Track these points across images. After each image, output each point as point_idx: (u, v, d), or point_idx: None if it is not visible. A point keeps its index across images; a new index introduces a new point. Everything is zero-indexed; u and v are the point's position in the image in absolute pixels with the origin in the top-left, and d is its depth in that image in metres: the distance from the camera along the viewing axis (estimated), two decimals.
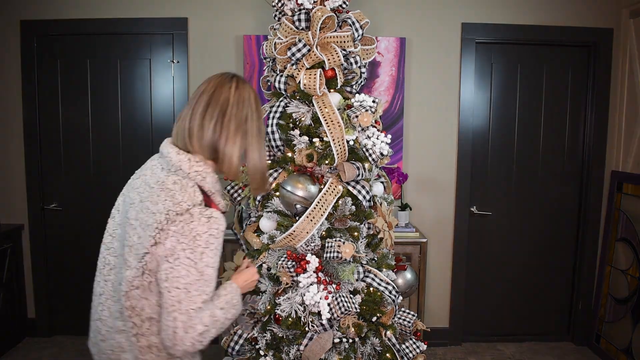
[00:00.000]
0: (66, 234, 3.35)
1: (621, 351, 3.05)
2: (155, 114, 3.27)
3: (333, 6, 1.99)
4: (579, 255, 3.41)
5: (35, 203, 3.29)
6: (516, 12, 3.19)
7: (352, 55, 2.02)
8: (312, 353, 1.88)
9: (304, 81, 1.93)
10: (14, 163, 3.28)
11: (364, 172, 1.98)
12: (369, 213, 2.02)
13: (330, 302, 1.82)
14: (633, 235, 3.06)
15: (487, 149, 3.34)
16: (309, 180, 1.91)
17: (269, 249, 2.00)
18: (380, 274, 2.01)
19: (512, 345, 3.41)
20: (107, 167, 3.30)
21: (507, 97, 3.31)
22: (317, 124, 1.96)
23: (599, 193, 3.33)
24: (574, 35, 3.20)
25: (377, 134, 1.94)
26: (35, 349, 3.23)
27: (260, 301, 1.99)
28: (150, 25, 3.16)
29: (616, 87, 3.26)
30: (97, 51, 3.22)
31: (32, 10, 3.16)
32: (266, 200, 2.04)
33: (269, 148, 2.07)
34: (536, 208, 3.40)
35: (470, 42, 3.19)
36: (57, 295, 3.40)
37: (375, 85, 3.20)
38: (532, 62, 3.29)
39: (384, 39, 3.15)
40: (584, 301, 3.40)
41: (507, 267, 3.43)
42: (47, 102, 3.25)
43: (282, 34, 1.99)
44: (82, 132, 3.27)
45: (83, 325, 3.57)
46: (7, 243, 3.18)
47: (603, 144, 3.30)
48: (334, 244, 1.87)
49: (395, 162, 3.23)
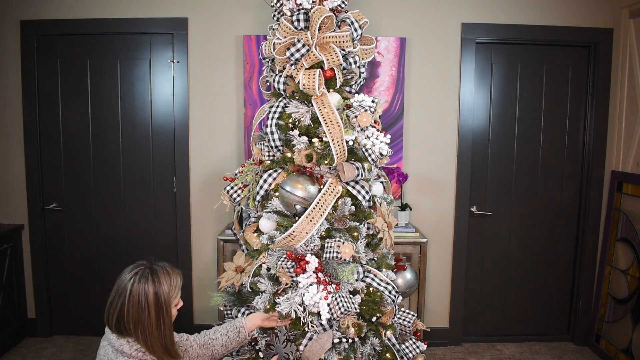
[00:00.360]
0: (66, 234, 3.35)
1: (621, 351, 3.05)
2: (155, 114, 3.27)
3: (332, 6, 1.99)
4: (579, 255, 3.41)
5: (35, 203, 3.29)
6: (516, 12, 3.18)
7: (351, 55, 2.02)
8: (311, 353, 1.88)
9: (303, 81, 1.92)
10: (14, 163, 3.28)
11: (364, 172, 1.98)
12: (369, 213, 2.02)
13: (330, 302, 1.82)
14: (633, 235, 3.06)
15: (487, 149, 3.34)
16: (309, 181, 1.91)
17: (268, 249, 2.00)
18: (380, 274, 2.01)
19: (512, 345, 3.41)
20: (107, 167, 3.30)
21: (507, 97, 3.31)
22: (317, 124, 1.96)
23: (599, 193, 3.33)
24: (574, 35, 3.20)
25: (376, 134, 1.94)
26: (35, 349, 3.23)
27: (260, 301, 1.99)
28: (150, 25, 3.16)
29: (616, 87, 3.26)
30: (97, 51, 3.22)
31: (32, 10, 3.16)
32: (266, 201, 2.04)
33: (268, 148, 2.07)
34: (536, 208, 3.40)
35: (470, 42, 3.19)
36: (57, 295, 3.41)
37: (375, 85, 3.20)
38: (532, 62, 3.29)
39: (383, 39, 3.15)
40: (584, 301, 3.40)
41: (507, 267, 3.43)
42: (47, 102, 3.25)
43: (281, 34, 1.99)
44: (82, 132, 3.28)
45: (83, 325, 3.60)
46: (7, 243, 3.19)
47: (603, 144, 3.29)
48: (333, 244, 1.87)
49: (395, 162, 3.23)
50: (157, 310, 1.50)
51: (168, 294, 1.54)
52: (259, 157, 2.14)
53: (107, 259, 3.37)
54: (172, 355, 1.55)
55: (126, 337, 1.50)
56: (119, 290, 1.53)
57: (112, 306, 1.51)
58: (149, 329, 1.49)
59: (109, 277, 3.38)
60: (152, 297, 1.50)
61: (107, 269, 3.38)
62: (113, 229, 3.35)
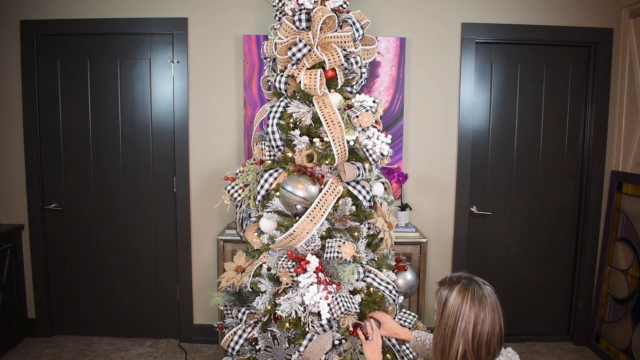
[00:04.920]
0: (66, 234, 3.35)
1: (621, 351, 3.05)
2: (155, 114, 3.27)
3: (334, 6, 1.99)
4: (579, 255, 3.41)
5: (35, 203, 3.29)
6: (516, 12, 3.19)
7: (352, 56, 2.02)
8: (312, 354, 1.88)
9: (305, 81, 1.92)
10: (14, 163, 3.28)
11: (364, 172, 1.98)
12: (369, 213, 2.02)
13: (330, 302, 1.82)
14: (633, 235, 3.06)
15: (487, 149, 3.34)
16: (309, 181, 1.91)
17: (269, 249, 2.00)
18: (380, 274, 2.01)
19: (512, 345, 3.39)
20: (107, 167, 3.29)
21: (507, 97, 3.31)
22: (318, 124, 1.96)
23: (599, 193, 3.33)
24: (574, 35, 3.20)
25: (377, 134, 1.94)
26: (35, 349, 3.23)
27: (260, 301, 1.99)
28: (150, 25, 3.16)
29: (616, 87, 3.26)
30: (97, 51, 3.21)
31: (32, 10, 3.16)
32: (266, 200, 2.04)
33: (269, 148, 2.07)
34: (536, 208, 3.40)
35: (470, 42, 3.19)
36: (57, 295, 3.40)
37: (375, 85, 3.20)
38: (532, 62, 3.29)
39: (384, 39, 3.15)
40: (584, 301, 3.40)
41: (507, 267, 3.43)
42: (47, 102, 3.25)
43: (283, 34, 1.99)
44: (82, 132, 3.27)
45: (83, 325, 3.60)
46: (7, 243, 3.18)
47: (603, 144, 3.30)
48: (334, 244, 1.87)
49: (395, 162, 3.23)
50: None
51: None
52: (260, 157, 2.14)
53: (107, 259, 3.37)
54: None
55: None
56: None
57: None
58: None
59: (108, 277, 3.40)
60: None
61: (107, 269, 3.38)
62: (113, 229, 3.34)
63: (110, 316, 3.42)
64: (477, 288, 1.41)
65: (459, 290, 1.41)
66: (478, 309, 1.38)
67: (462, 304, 1.39)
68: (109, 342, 3.35)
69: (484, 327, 1.37)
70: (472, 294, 1.40)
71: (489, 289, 1.44)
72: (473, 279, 1.46)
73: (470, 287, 1.41)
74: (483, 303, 1.39)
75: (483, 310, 1.38)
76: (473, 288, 1.41)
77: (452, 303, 1.40)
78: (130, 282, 3.39)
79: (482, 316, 1.38)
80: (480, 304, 1.38)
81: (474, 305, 1.38)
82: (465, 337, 1.37)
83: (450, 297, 1.40)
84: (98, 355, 3.15)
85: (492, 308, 1.39)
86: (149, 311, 3.41)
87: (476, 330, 1.37)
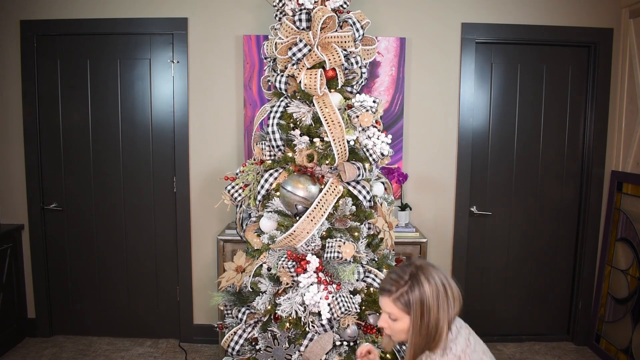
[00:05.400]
0: (66, 234, 3.35)
1: (621, 351, 3.05)
2: (155, 114, 3.27)
3: (334, 6, 1.99)
4: (579, 255, 3.41)
5: (35, 203, 3.29)
6: (516, 12, 3.19)
7: (352, 56, 2.02)
8: (312, 354, 1.88)
9: (305, 81, 1.93)
10: (14, 163, 3.28)
11: (365, 172, 1.98)
12: (370, 213, 2.02)
13: (331, 302, 1.82)
14: (633, 235, 3.06)
15: (487, 149, 3.34)
16: (310, 181, 1.91)
17: (269, 249, 2.00)
18: (380, 274, 2.01)
19: (512, 345, 3.41)
20: (107, 167, 3.29)
21: (507, 97, 3.31)
22: (318, 124, 1.96)
23: (599, 193, 3.33)
24: (574, 35, 3.20)
25: (377, 134, 1.94)
26: (35, 349, 3.22)
27: (261, 301, 1.99)
28: (150, 25, 3.16)
29: (616, 87, 3.26)
30: (97, 51, 3.21)
31: (32, 10, 3.16)
32: (267, 200, 2.04)
33: (269, 148, 2.07)
34: (536, 208, 3.40)
35: (470, 42, 3.19)
36: (57, 295, 3.40)
37: (375, 85, 3.20)
38: (532, 62, 3.29)
39: (384, 39, 3.15)
40: (584, 301, 3.40)
41: (506, 267, 3.43)
42: (47, 102, 3.25)
43: (283, 34, 1.99)
44: (82, 132, 3.27)
45: (83, 325, 3.59)
46: (7, 243, 3.18)
47: (603, 144, 3.30)
48: (334, 244, 1.87)
49: (395, 162, 3.23)
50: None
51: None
52: (260, 157, 2.14)
53: (107, 259, 3.37)
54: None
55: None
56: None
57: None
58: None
59: (108, 277, 3.40)
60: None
61: (107, 269, 3.38)
62: (113, 229, 3.34)
63: (110, 316, 3.42)
64: (425, 266, 1.40)
65: (424, 281, 1.36)
66: (440, 281, 1.37)
67: (434, 290, 1.35)
68: (109, 342, 3.35)
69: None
70: (430, 274, 1.37)
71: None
72: (411, 264, 1.41)
73: (424, 270, 1.38)
74: (436, 270, 1.39)
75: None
76: (425, 269, 1.38)
77: (428, 297, 1.34)
78: (130, 282, 3.39)
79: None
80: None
81: (438, 283, 1.36)
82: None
83: (425, 294, 1.35)
84: (98, 355, 3.15)
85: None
86: (149, 311, 3.41)
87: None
